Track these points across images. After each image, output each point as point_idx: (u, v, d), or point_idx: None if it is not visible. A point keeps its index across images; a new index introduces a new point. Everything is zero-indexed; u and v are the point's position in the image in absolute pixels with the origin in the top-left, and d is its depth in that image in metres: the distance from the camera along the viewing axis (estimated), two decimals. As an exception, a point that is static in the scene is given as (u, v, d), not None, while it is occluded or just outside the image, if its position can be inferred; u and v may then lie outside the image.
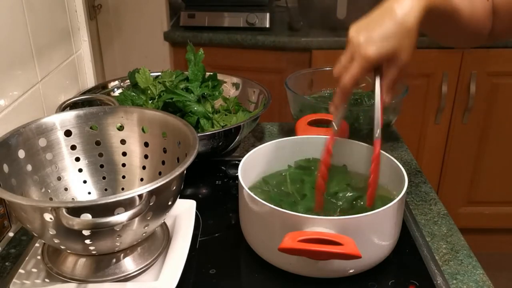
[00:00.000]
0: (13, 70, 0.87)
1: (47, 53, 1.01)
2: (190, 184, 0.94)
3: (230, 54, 1.91)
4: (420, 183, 0.97)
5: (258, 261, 0.75)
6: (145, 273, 0.70)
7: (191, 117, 1.01)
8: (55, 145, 0.77)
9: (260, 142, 1.13)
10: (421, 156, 1.96)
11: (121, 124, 0.80)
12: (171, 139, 0.77)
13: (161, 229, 0.76)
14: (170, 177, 0.62)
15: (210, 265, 0.75)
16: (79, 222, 0.56)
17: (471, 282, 0.72)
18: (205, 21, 1.93)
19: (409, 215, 0.86)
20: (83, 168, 0.80)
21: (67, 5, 1.13)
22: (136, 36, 1.98)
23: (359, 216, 0.67)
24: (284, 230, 0.66)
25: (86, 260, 0.68)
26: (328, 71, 1.19)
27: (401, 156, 1.07)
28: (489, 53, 1.80)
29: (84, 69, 1.23)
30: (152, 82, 1.06)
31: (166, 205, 0.67)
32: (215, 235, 0.82)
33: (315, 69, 1.28)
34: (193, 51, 1.09)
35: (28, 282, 0.68)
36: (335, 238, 0.64)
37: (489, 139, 1.93)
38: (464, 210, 2.05)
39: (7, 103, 0.84)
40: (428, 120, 1.91)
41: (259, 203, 0.70)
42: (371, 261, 0.72)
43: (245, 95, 1.15)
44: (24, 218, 0.62)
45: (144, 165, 0.80)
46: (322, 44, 1.81)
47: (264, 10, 1.92)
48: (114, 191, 0.81)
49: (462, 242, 0.80)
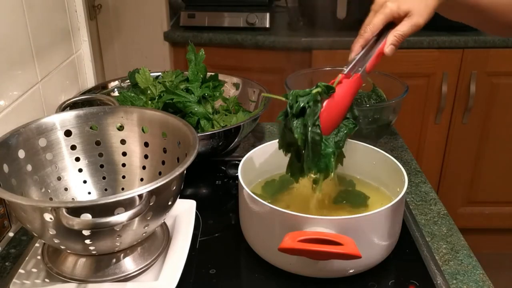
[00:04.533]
0: (13, 70, 0.87)
1: (47, 53, 1.01)
2: (190, 184, 0.94)
3: (230, 54, 1.91)
4: (420, 183, 0.97)
5: (258, 261, 0.75)
6: (145, 273, 0.70)
7: (191, 118, 1.01)
8: (55, 145, 0.77)
9: (260, 142, 1.13)
10: (421, 156, 1.96)
11: (121, 124, 0.80)
12: (171, 139, 0.77)
13: (161, 229, 0.76)
14: (170, 177, 0.62)
15: (210, 265, 0.75)
16: (79, 222, 0.56)
17: (471, 282, 0.72)
18: (205, 21, 1.93)
19: (409, 215, 0.86)
20: (83, 168, 0.80)
21: (67, 5, 1.13)
22: (136, 36, 1.98)
23: (359, 216, 0.67)
24: (284, 230, 0.66)
25: (86, 260, 0.68)
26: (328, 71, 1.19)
27: (401, 156, 1.07)
28: (489, 53, 1.80)
29: (84, 69, 1.23)
30: (152, 82, 1.06)
31: (166, 205, 0.67)
32: (215, 235, 0.82)
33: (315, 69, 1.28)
34: (194, 51, 1.09)
35: (28, 282, 0.68)
36: (335, 238, 0.64)
37: (489, 139, 1.93)
38: (464, 210, 2.05)
39: (7, 103, 0.84)
40: (428, 120, 1.91)
41: (259, 203, 0.70)
42: (371, 261, 0.72)
43: (245, 95, 1.15)
44: (24, 218, 0.62)
45: (144, 165, 0.80)
46: (322, 44, 1.81)
47: (264, 10, 1.92)
48: (114, 191, 0.81)
49: (462, 242, 0.80)
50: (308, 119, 0.71)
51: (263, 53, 1.88)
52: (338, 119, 0.74)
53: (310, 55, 1.83)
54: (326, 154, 0.72)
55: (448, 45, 1.80)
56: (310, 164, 0.73)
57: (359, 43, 0.78)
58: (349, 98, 0.74)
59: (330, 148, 0.72)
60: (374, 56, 0.75)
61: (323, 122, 0.71)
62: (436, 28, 1.85)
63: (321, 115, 0.71)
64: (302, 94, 0.72)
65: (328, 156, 0.72)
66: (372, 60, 0.75)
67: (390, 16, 0.76)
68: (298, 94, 0.72)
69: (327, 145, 0.72)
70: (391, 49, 0.75)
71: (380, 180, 0.85)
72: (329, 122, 0.72)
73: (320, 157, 0.72)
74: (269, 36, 1.87)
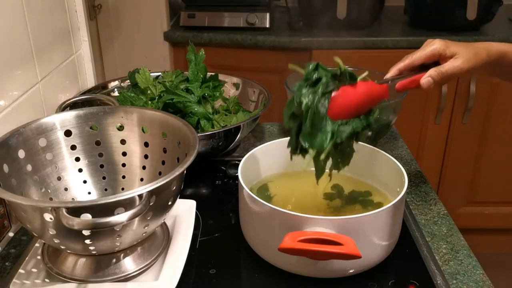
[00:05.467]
0: (13, 70, 0.87)
1: (47, 53, 1.01)
2: (190, 184, 0.94)
3: (230, 54, 1.90)
4: (420, 183, 0.97)
5: (258, 261, 0.75)
6: (145, 273, 0.70)
7: (191, 118, 1.01)
8: (55, 145, 0.77)
9: (260, 142, 1.13)
10: (421, 156, 1.96)
11: (121, 124, 0.80)
12: (171, 139, 0.77)
13: (161, 229, 0.76)
14: (170, 177, 0.62)
15: (210, 265, 0.75)
16: (79, 222, 0.56)
17: (471, 282, 0.72)
18: (205, 21, 1.93)
19: (409, 215, 0.86)
20: (83, 168, 0.80)
21: (67, 5, 1.13)
22: (136, 36, 1.98)
23: (359, 216, 0.67)
24: (284, 230, 0.66)
25: (86, 260, 0.68)
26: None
27: (401, 156, 1.07)
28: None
29: (84, 69, 1.23)
30: (152, 82, 1.06)
31: (166, 205, 0.67)
32: (215, 235, 0.82)
33: (315, 69, 1.27)
34: (194, 51, 1.09)
35: (28, 282, 0.68)
36: (335, 238, 0.64)
37: (489, 139, 1.93)
38: (464, 210, 2.05)
39: (7, 103, 0.84)
40: (428, 120, 1.91)
41: (259, 203, 0.70)
42: (371, 261, 0.72)
43: (245, 95, 1.15)
44: (24, 218, 0.62)
45: (144, 165, 0.80)
46: (322, 44, 1.81)
47: (264, 10, 1.91)
48: (114, 191, 0.81)
49: (462, 242, 0.80)
50: (319, 88, 0.69)
51: (263, 53, 1.88)
52: (349, 110, 0.71)
53: (310, 55, 1.83)
54: (325, 131, 0.69)
55: (448, 45, 1.80)
56: (306, 136, 0.70)
57: (397, 66, 0.77)
58: (367, 98, 0.72)
59: (330, 127, 0.70)
60: (409, 79, 0.75)
61: (333, 105, 0.69)
62: (436, 28, 1.85)
63: (333, 98, 0.69)
64: (323, 67, 0.71)
65: (325, 134, 0.69)
66: (405, 81, 0.74)
67: (436, 52, 0.75)
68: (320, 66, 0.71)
69: (329, 124, 0.70)
70: (427, 81, 0.75)
71: (380, 180, 0.85)
72: (339, 107, 0.70)
73: (318, 132, 0.70)
74: (269, 36, 1.87)
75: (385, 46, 1.80)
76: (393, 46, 1.80)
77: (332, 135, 0.69)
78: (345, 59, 0.78)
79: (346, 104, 0.70)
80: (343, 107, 0.70)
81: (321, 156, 0.70)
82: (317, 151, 0.70)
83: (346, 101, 0.70)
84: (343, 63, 0.71)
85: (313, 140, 0.70)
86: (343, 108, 0.70)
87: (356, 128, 0.70)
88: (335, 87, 0.69)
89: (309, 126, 0.69)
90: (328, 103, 0.68)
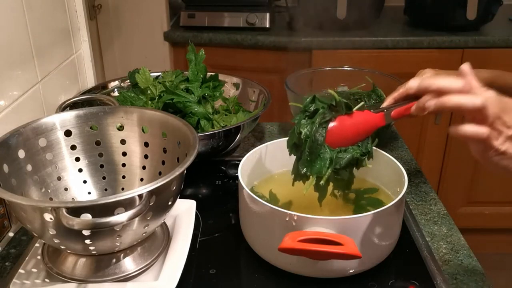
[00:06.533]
0: (13, 70, 0.87)
1: (47, 53, 1.01)
2: (190, 184, 0.94)
3: (230, 54, 1.91)
4: (420, 183, 0.97)
5: (258, 261, 0.75)
6: (145, 273, 0.70)
7: (191, 118, 1.01)
8: (55, 145, 0.77)
9: (260, 142, 1.13)
10: (421, 156, 1.96)
11: (121, 124, 0.80)
12: (171, 139, 0.77)
13: (161, 229, 0.76)
14: (170, 177, 0.62)
15: (210, 265, 0.75)
16: (79, 222, 0.56)
17: (471, 282, 0.72)
18: (205, 21, 1.93)
19: (409, 215, 0.86)
20: (83, 168, 0.80)
21: (67, 5, 1.13)
22: (136, 36, 1.98)
23: (359, 216, 0.67)
24: (284, 230, 0.66)
25: (86, 260, 0.68)
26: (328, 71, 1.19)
27: (401, 156, 1.07)
28: (489, 53, 1.80)
29: (84, 69, 1.23)
30: (152, 82, 1.06)
31: (166, 205, 0.67)
32: (215, 235, 0.82)
33: (315, 69, 1.27)
34: (194, 51, 1.09)
35: (28, 282, 0.68)
36: (335, 238, 0.64)
37: (489, 139, 1.93)
38: (464, 210, 2.05)
39: (7, 103, 0.84)
40: (428, 120, 1.91)
41: (259, 203, 0.70)
42: (371, 261, 0.72)
43: (245, 95, 1.15)
44: (24, 218, 0.62)
45: (144, 165, 0.80)
46: (322, 44, 1.81)
47: (264, 10, 1.92)
48: (114, 191, 0.81)
49: (462, 242, 0.80)
50: (317, 118, 0.73)
51: (263, 53, 1.88)
52: (346, 138, 0.74)
53: (310, 55, 1.83)
54: (324, 158, 0.73)
55: (448, 45, 1.80)
56: (305, 162, 0.73)
57: (392, 96, 0.78)
58: (364, 127, 0.75)
59: (328, 154, 0.73)
60: (404, 107, 0.75)
61: (331, 133, 0.73)
62: (436, 28, 1.85)
63: (331, 127, 0.73)
64: (320, 99, 0.74)
65: (324, 160, 0.73)
66: (400, 108, 0.75)
67: None
68: (317, 99, 0.74)
69: (327, 151, 0.73)
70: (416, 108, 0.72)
71: (380, 180, 0.85)
72: (336, 136, 0.73)
73: (317, 158, 0.73)
74: (269, 36, 1.87)
75: (385, 46, 1.80)
76: (393, 46, 1.80)
77: (330, 162, 0.73)
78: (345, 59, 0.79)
79: (343, 132, 0.74)
80: (340, 135, 0.73)
81: (321, 182, 0.74)
82: (317, 176, 0.74)
83: (343, 130, 0.74)
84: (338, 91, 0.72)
85: (312, 166, 0.73)
86: (340, 136, 0.73)
87: (355, 155, 0.73)
88: (332, 117, 0.73)
89: (307, 153, 0.73)
90: (325, 132, 0.73)
